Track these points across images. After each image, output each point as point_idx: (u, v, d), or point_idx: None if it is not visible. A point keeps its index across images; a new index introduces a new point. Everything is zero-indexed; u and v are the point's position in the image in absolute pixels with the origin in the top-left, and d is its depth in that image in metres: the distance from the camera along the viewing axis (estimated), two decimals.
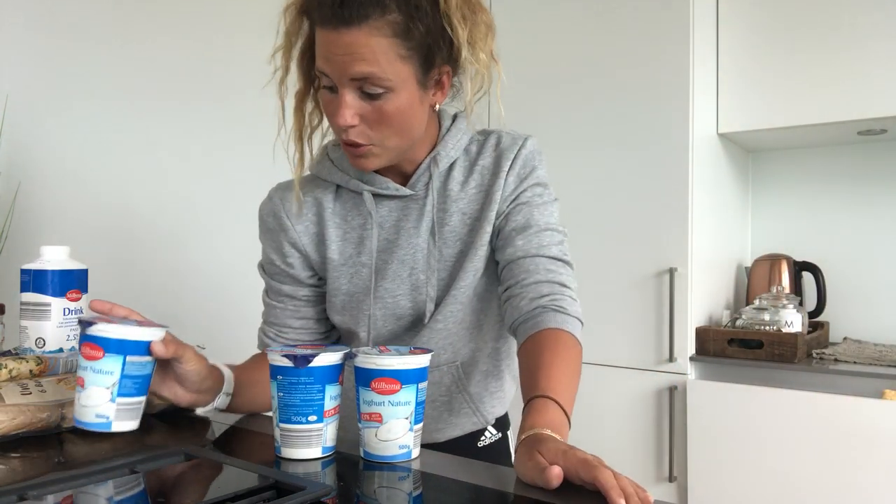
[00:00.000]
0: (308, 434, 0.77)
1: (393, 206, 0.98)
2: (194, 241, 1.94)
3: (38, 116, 1.61)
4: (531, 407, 0.76)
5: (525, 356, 0.86)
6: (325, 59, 0.83)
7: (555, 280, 0.92)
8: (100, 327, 0.79)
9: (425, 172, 0.96)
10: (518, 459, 0.70)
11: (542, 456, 0.66)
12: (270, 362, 0.79)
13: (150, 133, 1.84)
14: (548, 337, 0.85)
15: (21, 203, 1.55)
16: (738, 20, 2.08)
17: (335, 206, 1.00)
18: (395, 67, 0.82)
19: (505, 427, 1.16)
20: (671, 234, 1.97)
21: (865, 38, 1.89)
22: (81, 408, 0.80)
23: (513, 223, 0.95)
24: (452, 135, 0.97)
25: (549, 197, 0.99)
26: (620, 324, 2.04)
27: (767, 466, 1.79)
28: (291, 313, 1.04)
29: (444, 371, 1.03)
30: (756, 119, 2.05)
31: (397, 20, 0.80)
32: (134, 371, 0.81)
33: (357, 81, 0.82)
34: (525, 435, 0.71)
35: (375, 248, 0.97)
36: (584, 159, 2.12)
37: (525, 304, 0.90)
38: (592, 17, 2.11)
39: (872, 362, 1.81)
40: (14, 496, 0.63)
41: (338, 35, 0.80)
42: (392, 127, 0.86)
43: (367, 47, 0.80)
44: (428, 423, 1.04)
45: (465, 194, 0.98)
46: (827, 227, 2.28)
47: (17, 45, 1.57)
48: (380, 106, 0.84)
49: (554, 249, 0.94)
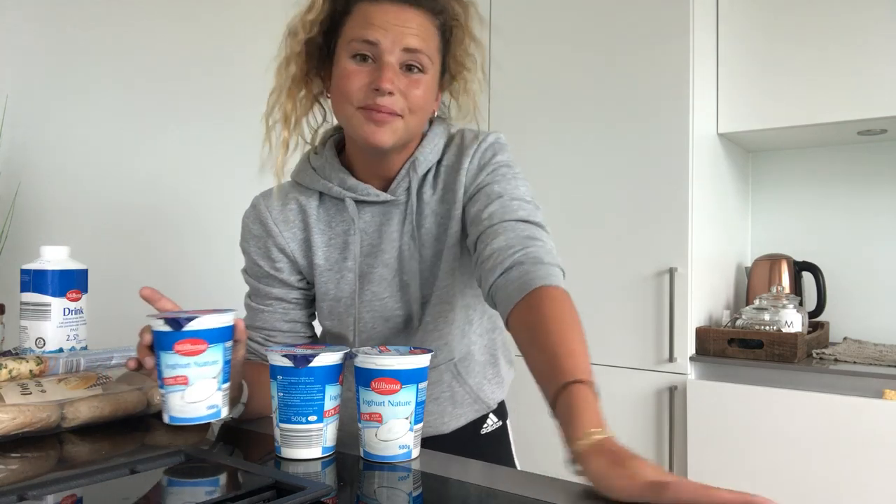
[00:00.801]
0: (308, 434, 0.77)
1: (375, 212, 1.00)
2: (194, 241, 1.94)
3: (38, 116, 1.61)
4: (571, 400, 0.68)
5: (523, 331, 0.79)
6: (378, 26, 0.89)
7: (522, 235, 0.88)
8: (200, 321, 0.77)
9: (405, 178, 0.98)
10: (606, 472, 0.61)
11: (643, 470, 0.59)
12: (270, 362, 0.79)
13: (150, 133, 1.84)
14: (538, 302, 0.79)
15: (21, 203, 1.55)
16: (738, 20, 2.08)
17: (319, 212, 1.02)
18: (433, 55, 0.93)
19: (504, 416, 1.18)
20: (671, 234, 1.97)
21: (865, 38, 1.89)
22: (188, 405, 0.77)
23: (477, 205, 0.94)
24: (429, 139, 1.00)
25: (512, 174, 0.97)
26: (620, 324, 2.04)
27: (767, 466, 1.79)
28: (280, 316, 1.05)
29: (442, 370, 1.05)
30: (756, 119, 2.05)
31: (442, 23, 0.94)
32: (228, 356, 0.81)
33: (408, 53, 0.90)
34: (589, 441, 0.63)
35: (359, 253, 0.99)
36: (583, 159, 2.12)
37: (497, 266, 0.85)
38: (592, 17, 2.11)
39: (872, 362, 1.81)
40: (14, 496, 0.63)
41: (400, 9, 0.90)
42: (417, 104, 0.92)
43: (423, 27, 0.91)
44: (433, 418, 1.06)
45: (435, 195, 0.99)
46: (827, 227, 2.27)
47: (17, 45, 1.57)
48: (416, 80, 0.91)
49: (520, 213, 0.91)
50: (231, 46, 2.01)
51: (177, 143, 1.90)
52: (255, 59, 2.13)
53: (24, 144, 1.58)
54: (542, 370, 0.74)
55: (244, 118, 2.02)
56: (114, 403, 0.94)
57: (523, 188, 0.95)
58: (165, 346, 0.76)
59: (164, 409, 0.78)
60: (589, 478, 0.63)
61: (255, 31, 2.04)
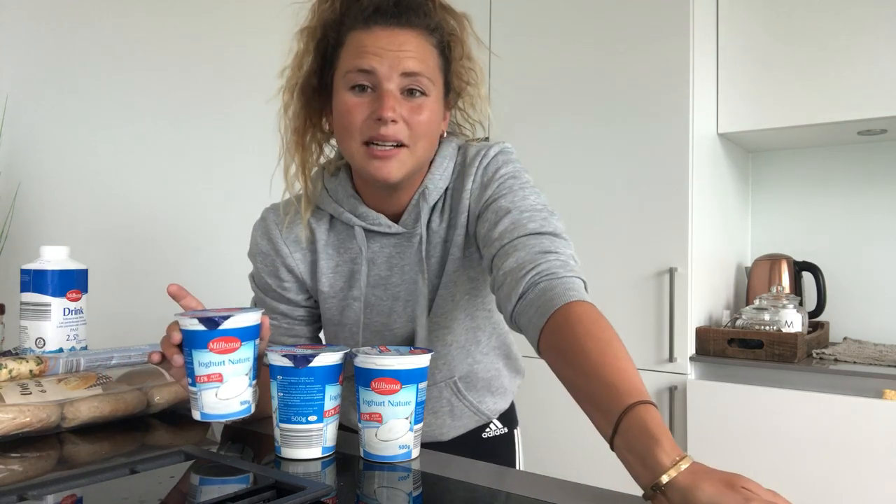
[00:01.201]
0: (308, 434, 0.77)
1: (385, 243, 0.97)
2: (194, 242, 1.94)
3: (38, 116, 1.61)
4: (642, 424, 0.62)
5: (558, 357, 0.74)
6: (373, 54, 0.85)
7: (534, 251, 0.82)
8: (234, 320, 0.77)
9: (415, 208, 0.95)
10: (721, 499, 0.56)
11: (756, 489, 0.57)
12: (270, 363, 0.79)
13: (150, 133, 1.84)
14: (564, 322, 0.73)
15: (21, 203, 1.55)
16: (738, 20, 2.08)
17: (328, 236, 0.99)
18: (434, 76, 0.89)
19: (512, 423, 1.16)
20: (671, 234, 1.97)
21: (865, 38, 1.89)
22: (222, 402, 0.77)
23: (487, 224, 0.90)
24: (438, 164, 0.95)
25: (519, 184, 0.92)
26: (620, 324, 2.03)
27: (767, 466, 1.79)
28: (285, 331, 1.04)
29: (441, 387, 1.04)
30: (756, 119, 2.05)
31: (438, 41, 0.90)
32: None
33: (407, 78, 0.86)
34: (683, 469, 0.59)
35: (365, 283, 0.97)
36: (584, 159, 2.12)
37: (513, 292, 0.81)
38: (592, 17, 2.11)
39: (872, 362, 1.81)
40: (14, 496, 0.63)
41: (392, 33, 0.86)
42: (424, 130, 0.88)
43: (420, 48, 0.87)
44: (432, 429, 1.05)
45: (443, 223, 0.96)
46: (827, 227, 2.27)
47: (17, 45, 1.57)
48: (419, 105, 0.87)
49: (531, 225, 0.86)
50: (231, 45, 2.01)
51: (177, 142, 1.90)
52: (256, 58, 2.14)
53: (24, 144, 1.58)
54: (592, 396, 0.68)
55: (244, 118, 2.02)
56: (114, 403, 0.94)
57: (532, 197, 0.90)
58: (199, 345, 0.76)
59: (196, 406, 0.78)
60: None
61: (256, 29, 2.04)
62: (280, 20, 0.95)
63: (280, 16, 0.93)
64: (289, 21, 0.94)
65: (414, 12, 0.87)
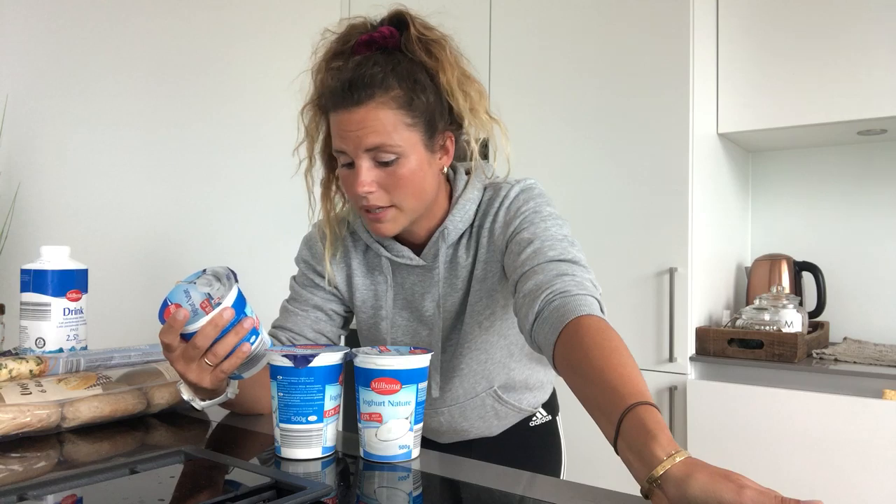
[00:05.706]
0: (308, 434, 0.77)
1: (410, 272, 1.05)
2: (194, 242, 1.94)
3: (38, 116, 1.61)
4: (641, 423, 0.63)
5: (568, 368, 0.76)
6: (340, 137, 0.92)
7: (552, 274, 0.86)
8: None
9: (434, 245, 1.02)
10: (714, 487, 0.56)
11: (748, 481, 0.57)
12: (270, 363, 0.79)
13: (150, 133, 1.84)
14: (573, 333, 0.76)
15: (21, 203, 1.55)
16: (738, 20, 2.08)
17: (363, 258, 1.08)
18: (402, 135, 0.91)
19: (554, 411, 1.21)
20: (671, 234, 1.97)
21: (865, 39, 1.89)
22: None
23: (511, 256, 0.94)
24: (461, 207, 1.01)
25: (541, 217, 0.96)
26: (620, 324, 2.04)
27: (767, 466, 1.79)
28: (311, 323, 1.08)
29: (483, 397, 1.08)
30: (756, 119, 2.05)
31: (400, 94, 0.91)
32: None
33: (371, 152, 0.91)
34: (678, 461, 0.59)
35: (391, 306, 1.05)
36: (583, 159, 2.12)
37: (530, 312, 0.84)
38: (592, 16, 2.11)
39: (872, 362, 1.81)
40: (14, 496, 0.63)
41: (349, 114, 0.90)
42: (407, 188, 0.93)
43: (376, 120, 0.90)
44: (480, 430, 1.11)
45: (468, 258, 1.03)
46: (827, 227, 2.27)
47: (17, 45, 1.57)
48: (393, 171, 0.92)
49: (550, 253, 0.89)
50: (231, 45, 2.01)
51: (177, 142, 1.90)
52: (256, 58, 2.14)
53: (24, 144, 1.58)
54: (596, 401, 0.69)
55: (245, 118, 2.02)
56: (114, 403, 0.94)
57: (554, 228, 0.95)
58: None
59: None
60: (692, 495, 0.57)
61: (257, 31, 2.04)
62: (280, 22, 0.95)
63: (280, 17, 0.93)
64: (289, 23, 0.94)
65: (366, 88, 0.90)
